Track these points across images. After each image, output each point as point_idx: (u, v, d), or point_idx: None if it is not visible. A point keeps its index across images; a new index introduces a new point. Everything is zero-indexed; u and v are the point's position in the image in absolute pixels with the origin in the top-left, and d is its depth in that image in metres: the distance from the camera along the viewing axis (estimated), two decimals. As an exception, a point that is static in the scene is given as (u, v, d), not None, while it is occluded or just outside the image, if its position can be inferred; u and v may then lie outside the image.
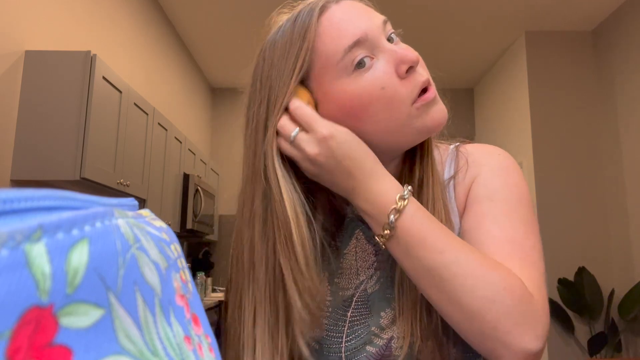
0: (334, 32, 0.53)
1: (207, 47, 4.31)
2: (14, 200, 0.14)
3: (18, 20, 2.02)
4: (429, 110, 0.53)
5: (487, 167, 0.59)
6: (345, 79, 0.53)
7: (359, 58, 0.52)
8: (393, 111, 0.52)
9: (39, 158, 2.00)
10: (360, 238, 0.60)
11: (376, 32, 0.53)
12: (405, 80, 0.52)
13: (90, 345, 0.14)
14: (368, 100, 0.52)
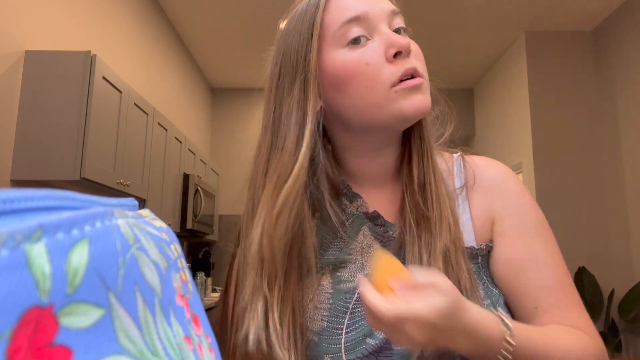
0: (340, 4, 0.56)
1: (207, 47, 4.31)
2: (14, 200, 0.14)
3: (18, 20, 2.02)
4: (409, 95, 0.54)
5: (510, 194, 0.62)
6: (338, 50, 0.56)
7: (354, 35, 0.55)
8: (372, 89, 0.54)
9: (39, 158, 2.00)
10: (366, 234, 0.61)
11: (379, 15, 0.55)
12: (392, 64, 0.54)
13: (90, 345, 0.14)
14: (351, 73, 0.54)
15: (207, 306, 3.54)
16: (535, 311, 0.57)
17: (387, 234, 0.60)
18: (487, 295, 0.57)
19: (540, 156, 3.72)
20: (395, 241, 0.60)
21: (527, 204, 0.62)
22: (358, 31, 0.55)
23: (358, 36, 0.55)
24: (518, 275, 0.58)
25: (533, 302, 0.58)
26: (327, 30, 0.56)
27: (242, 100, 5.24)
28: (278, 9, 3.97)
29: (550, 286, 0.58)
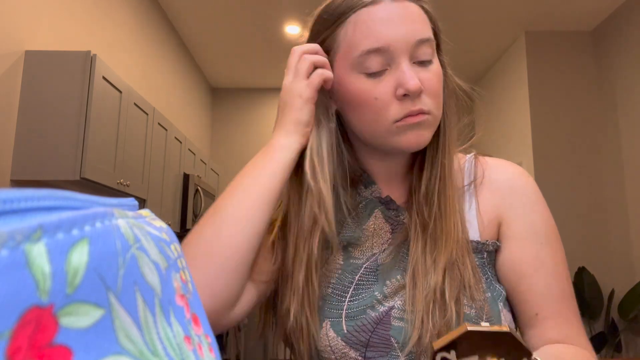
0: (364, 30, 0.56)
1: (207, 47, 4.31)
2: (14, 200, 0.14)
3: (18, 20, 2.02)
4: (407, 132, 0.56)
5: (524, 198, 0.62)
6: (354, 75, 0.58)
7: (372, 70, 0.56)
8: (377, 122, 0.57)
9: (39, 158, 2.00)
10: (378, 217, 0.64)
11: (401, 47, 0.55)
12: (400, 102, 0.56)
13: (90, 345, 0.14)
14: (361, 102, 0.57)
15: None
16: (535, 318, 0.59)
17: (399, 218, 0.63)
18: (489, 289, 0.58)
19: (540, 156, 3.72)
20: (403, 229, 0.62)
21: (540, 209, 0.62)
22: (376, 65, 0.56)
23: (376, 71, 0.56)
24: (522, 281, 0.59)
25: (535, 309, 0.59)
26: (349, 52, 0.58)
27: (242, 100, 5.24)
28: (278, 9, 3.98)
29: (554, 295, 0.59)
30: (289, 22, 3.84)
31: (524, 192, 0.63)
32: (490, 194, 0.63)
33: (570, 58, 3.85)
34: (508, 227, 0.61)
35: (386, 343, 0.56)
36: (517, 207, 0.62)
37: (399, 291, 0.59)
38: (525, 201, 0.62)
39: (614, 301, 3.30)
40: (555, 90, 3.81)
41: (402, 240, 0.62)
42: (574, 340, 0.59)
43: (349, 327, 0.57)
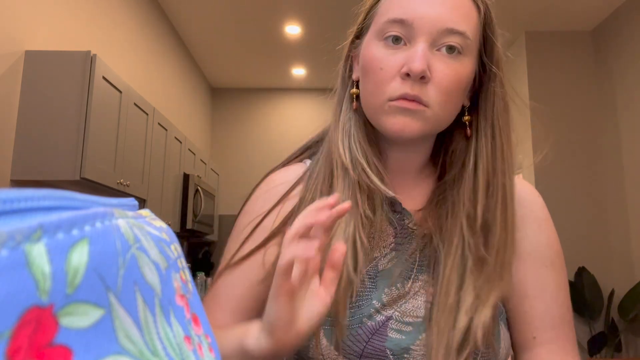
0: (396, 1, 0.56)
1: (207, 47, 4.31)
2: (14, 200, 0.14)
3: (18, 20, 2.02)
4: (396, 115, 0.54)
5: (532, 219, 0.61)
6: (375, 40, 0.57)
7: (390, 34, 0.55)
8: (375, 93, 0.56)
9: (39, 158, 2.00)
10: (382, 219, 0.60)
11: (425, 27, 0.53)
12: (402, 81, 0.54)
13: (90, 345, 0.14)
14: (369, 68, 0.56)
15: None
16: (533, 341, 0.58)
17: (403, 222, 0.60)
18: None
19: (540, 156, 3.72)
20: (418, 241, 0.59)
21: (547, 232, 0.61)
22: (396, 32, 0.55)
23: (395, 36, 0.55)
24: (523, 302, 0.58)
25: (533, 332, 0.58)
26: (380, 17, 0.57)
27: (242, 100, 5.24)
28: (278, 9, 3.98)
29: (553, 319, 0.58)
30: (289, 22, 3.84)
31: (533, 214, 0.61)
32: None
33: (570, 58, 3.85)
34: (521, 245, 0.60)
35: (381, 354, 0.54)
36: (525, 228, 0.60)
37: (398, 300, 0.56)
38: (533, 222, 0.60)
39: (614, 301, 3.30)
40: (555, 90, 3.81)
41: (411, 251, 0.58)
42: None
43: (344, 337, 0.55)
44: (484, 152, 0.57)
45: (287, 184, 0.64)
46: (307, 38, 4.04)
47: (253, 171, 4.98)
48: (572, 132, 3.75)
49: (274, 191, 0.64)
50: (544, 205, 0.63)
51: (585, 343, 3.34)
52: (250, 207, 0.64)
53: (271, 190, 0.64)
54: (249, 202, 0.65)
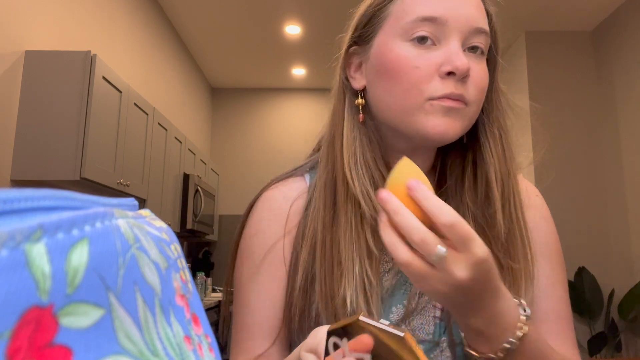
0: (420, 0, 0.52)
1: (207, 47, 4.31)
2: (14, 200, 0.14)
3: (18, 20, 2.02)
4: (439, 115, 0.50)
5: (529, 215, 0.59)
6: (399, 41, 0.53)
7: (421, 34, 0.51)
8: (408, 94, 0.51)
9: (39, 158, 2.00)
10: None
11: (456, 27, 0.51)
12: (442, 80, 0.51)
13: (90, 345, 0.14)
14: (398, 69, 0.52)
15: (207, 306, 3.54)
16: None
17: None
18: None
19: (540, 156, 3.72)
20: None
21: (544, 228, 0.61)
22: (427, 32, 0.51)
23: (425, 36, 0.51)
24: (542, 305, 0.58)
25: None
26: (400, 16, 0.53)
27: (242, 100, 5.24)
28: (278, 9, 3.98)
29: (543, 314, 0.57)
30: (289, 22, 3.84)
31: (530, 210, 0.60)
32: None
33: (570, 58, 3.85)
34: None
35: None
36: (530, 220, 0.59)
37: (406, 318, 0.55)
38: (530, 217, 0.59)
39: (614, 301, 3.30)
40: (555, 90, 3.81)
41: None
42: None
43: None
44: (494, 155, 0.56)
45: (288, 201, 0.62)
46: (307, 38, 4.04)
47: (253, 171, 4.98)
48: (572, 132, 3.75)
49: (277, 211, 0.61)
50: (544, 203, 0.63)
51: (585, 343, 3.34)
52: (254, 227, 0.62)
53: (274, 210, 0.61)
54: (252, 221, 0.63)
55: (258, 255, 0.60)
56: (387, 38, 0.54)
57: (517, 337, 0.44)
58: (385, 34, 0.54)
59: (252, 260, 0.60)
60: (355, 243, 0.54)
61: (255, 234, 0.61)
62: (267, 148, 5.08)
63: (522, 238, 0.54)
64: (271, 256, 0.60)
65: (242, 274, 0.61)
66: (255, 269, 0.60)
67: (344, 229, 0.54)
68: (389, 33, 0.54)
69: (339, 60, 0.60)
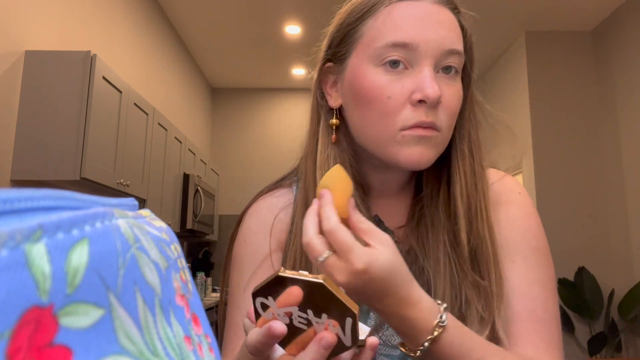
0: (396, 22, 0.52)
1: (207, 47, 4.31)
2: (14, 200, 0.14)
3: (18, 20, 2.02)
4: (411, 145, 0.51)
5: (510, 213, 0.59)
6: (371, 66, 0.53)
7: (393, 59, 0.52)
8: (382, 123, 0.52)
9: (39, 158, 2.00)
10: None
11: (430, 51, 0.51)
12: (413, 108, 0.51)
13: (90, 345, 0.14)
14: (371, 98, 0.52)
15: (207, 306, 3.54)
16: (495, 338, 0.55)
17: None
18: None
19: (540, 156, 3.72)
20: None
21: (523, 225, 0.59)
22: (398, 56, 0.51)
23: (397, 60, 0.52)
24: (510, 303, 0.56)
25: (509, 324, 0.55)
26: (372, 42, 0.53)
27: (242, 100, 5.25)
28: (278, 9, 3.97)
29: (515, 314, 0.55)
30: (289, 22, 3.84)
31: (512, 208, 0.60)
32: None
33: (570, 58, 3.85)
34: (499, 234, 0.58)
35: None
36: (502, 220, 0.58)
37: (384, 324, 0.55)
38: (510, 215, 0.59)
39: (614, 301, 3.30)
40: (555, 90, 3.82)
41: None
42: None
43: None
44: (461, 173, 0.56)
45: (275, 209, 0.63)
46: (307, 38, 4.04)
47: (253, 171, 4.98)
48: (572, 132, 3.75)
49: (265, 222, 0.63)
50: (526, 200, 0.61)
51: (585, 343, 3.34)
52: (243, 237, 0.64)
53: (262, 221, 0.63)
54: (241, 232, 0.64)
55: (248, 265, 0.61)
56: (359, 62, 0.54)
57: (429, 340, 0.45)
58: (358, 57, 0.55)
59: (242, 269, 0.62)
60: None
61: (245, 242, 0.63)
62: (267, 148, 5.08)
63: (490, 256, 0.54)
64: (262, 264, 0.61)
65: (233, 282, 0.63)
66: (246, 279, 0.61)
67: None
68: (362, 57, 0.54)
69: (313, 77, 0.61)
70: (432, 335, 0.45)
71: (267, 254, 0.61)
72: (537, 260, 0.57)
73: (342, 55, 0.57)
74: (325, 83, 0.60)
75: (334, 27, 0.59)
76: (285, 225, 0.62)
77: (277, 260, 0.61)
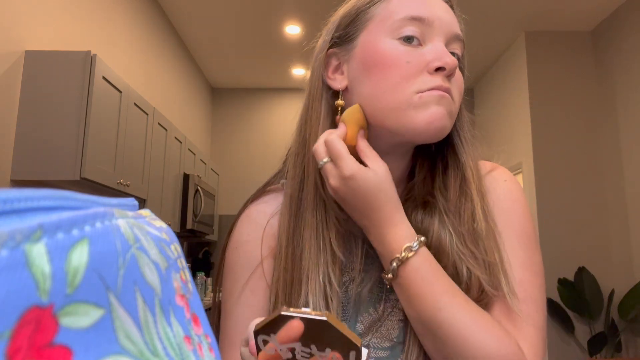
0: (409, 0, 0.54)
1: (207, 47, 4.31)
2: (14, 200, 0.14)
3: (18, 20, 2.02)
4: (429, 106, 0.51)
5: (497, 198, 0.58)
6: (386, 39, 0.54)
7: (409, 33, 0.53)
8: (398, 88, 0.52)
9: (39, 158, 2.00)
10: (349, 238, 0.59)
11: (444, 28, 0.54)
12: (430, 75, 0.52)
13: (90, 345, 0.14)
14: (388, 63, 0.53)
15: (207, 306, 3.54)
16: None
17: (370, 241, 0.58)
18: None
19: (540, 156, 3.72)
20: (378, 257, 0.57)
21: (509, 211, 0.58)
22: (414, 31, 0.53)
23: (412, 35, 0.53)
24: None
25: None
26: (387, 17, 0.55)
27: (242, 100, 5.25)
28: (278, 9, 3.98)
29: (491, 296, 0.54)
30: (289, 22, 3.84)
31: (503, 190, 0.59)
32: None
33: (570, 58, 3.85)
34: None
35: None
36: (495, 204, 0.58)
37: (373, 326, 0.55)
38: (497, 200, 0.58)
39: (614, 301, 3.30)
40: (555, 90, 3.82)
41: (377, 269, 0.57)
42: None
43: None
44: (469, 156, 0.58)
45: (266, 215, 0.63)
46: (307, 38, 4.04)
47: (253, 171, 4.98)
48: (571, 132, 3.75)
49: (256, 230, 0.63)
50: (513, 186, 0.60)
51: (585, 343, 3.34)
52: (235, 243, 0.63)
53: (253, 225, 0.63)
54: (233, 239, 0.64)
55: (240, 272, 0.61)
56: (372, 36, 0.55)
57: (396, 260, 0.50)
58: (370, 33, 0.55)
59: (235, 276, 0.61)
60: (320, 248, 0.55)
61: (236, 250, 0.63)
62: (267, 148, 5.07)
63: (494, 233, 0.55)
64: (254, 273, 0.61)
65: (226, 290, 0.62)
66: (239, 286, 0.61)
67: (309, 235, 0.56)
68: (375, 32, 0.55)
69: (315, 63, 0.61)
70: (401, 255, 0.49)
71: (259, 261, 0.60)
72: (520, 243, 0.56)
73: (350, 36, 0.58)
74: (327, 69, 0.60)
75: (343, 11, 0.60)
76: (276, 231, 0.61)
77: (269, 267, 0.60)
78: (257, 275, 0.60)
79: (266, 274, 0.60)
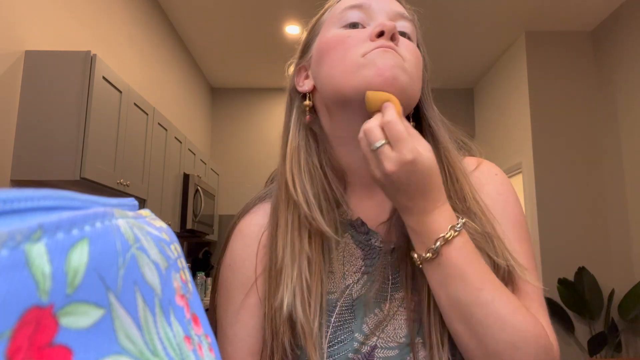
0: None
1: (207, 47, 4.31)
2: (14, 200, 0.14)
3: (18, 20, 2.02)
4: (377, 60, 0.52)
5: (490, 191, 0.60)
6: (333, 29, 0.59)
7: (352, 20, 0.58)
8: (345, 57, 0.55)
9: (39, 158, 2.00)
10: (348, 242, 0.59)
11: (382, 9, 0.58)
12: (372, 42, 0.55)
13: (90, 345, 0.14)
14: (333, 45, 0.57)
15: (207, 306, 3.54)
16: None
17: (370, 242, 0.59)
18: None
19: (540, 156, 3.72)
20: (387, 258, 0.57)
21: (503, 203, 0.59)
22: (356, 16, 0.58)
23: (356, 22, 0.57)
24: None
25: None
26: (332, 15, 0.60)
27: (242, 100, 5.25)
28: (278, 9, 3.97)
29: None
30: (289, 22, 3.84)
31: (492, 187, 0.60)
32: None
33: (570, 58, 3.85)
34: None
35: None
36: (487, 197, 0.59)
37: (379, 326, 0.55)
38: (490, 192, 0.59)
39: (614, 301, 3.30)
40: (555, 90, 3.82)
41: (381, 270, 0.57)
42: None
43: None
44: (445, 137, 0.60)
45: (260, 228, 0.62)
46: (307, 38, 4.04)
47: (253, 171, 4.98)
48: (572, 132, 3.75)
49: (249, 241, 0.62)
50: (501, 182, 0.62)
51: (585, 343, 3.34)
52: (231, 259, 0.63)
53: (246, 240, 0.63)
54: (228, 254, 0.64)
55: (235, 291, 0.60)
56: (323, 34, 0.60)
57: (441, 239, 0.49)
58: (322, 33, 0.61)
59: (228, 295, 0.61)
60: (293, 248, 0.55)
61: (230, 266, 0.62)
62: (267, 148, 5.07)
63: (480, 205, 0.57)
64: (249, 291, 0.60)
65: (221, 308, 0.62)
66: (233, 306, 0.60)
67: (283, 235, 0.56)
68: (325, 31, 0.60)
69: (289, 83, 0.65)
70: (445, 234, 0.49)
71: (253, 280, 0.59)
72: (516, 234, 0.58)
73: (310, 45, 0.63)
74: (297, 81, 0.64)
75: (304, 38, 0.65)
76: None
77: (262, 283, 0.59)
78: (252, 293, 0.59)
79: (259, 290, 0.59)
